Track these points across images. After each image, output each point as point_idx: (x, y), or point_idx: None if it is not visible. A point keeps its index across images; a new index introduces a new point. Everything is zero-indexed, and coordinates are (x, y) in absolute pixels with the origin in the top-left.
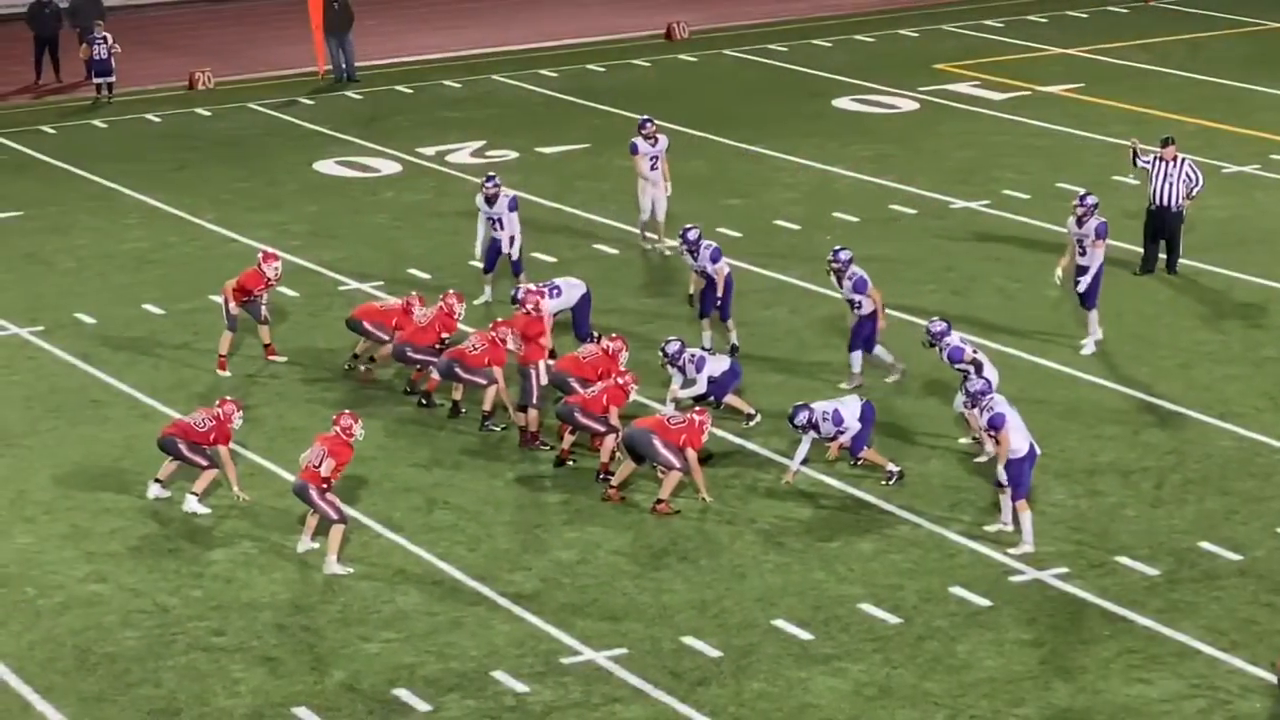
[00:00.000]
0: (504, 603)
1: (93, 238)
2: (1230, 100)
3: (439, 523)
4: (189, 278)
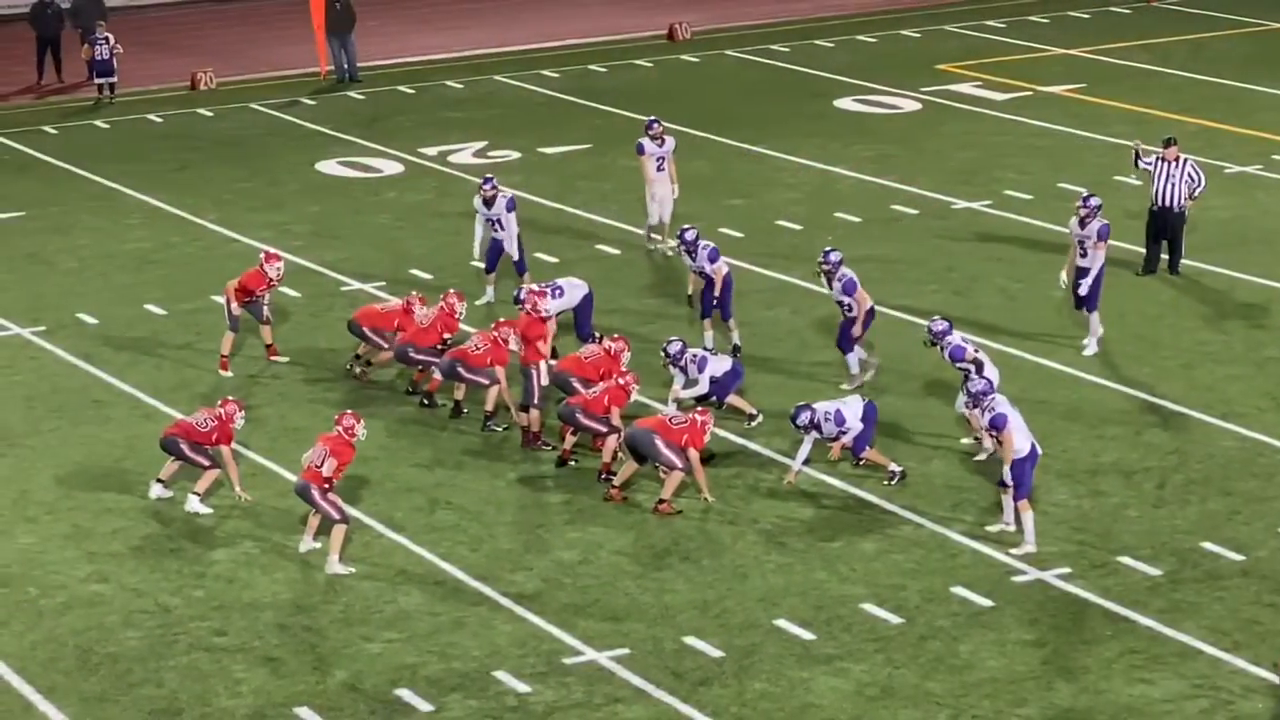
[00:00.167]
0: (506, 603)
1: (94, 238)
2: (1232, 100)
3: (441, 523)
4: (191, 278)
